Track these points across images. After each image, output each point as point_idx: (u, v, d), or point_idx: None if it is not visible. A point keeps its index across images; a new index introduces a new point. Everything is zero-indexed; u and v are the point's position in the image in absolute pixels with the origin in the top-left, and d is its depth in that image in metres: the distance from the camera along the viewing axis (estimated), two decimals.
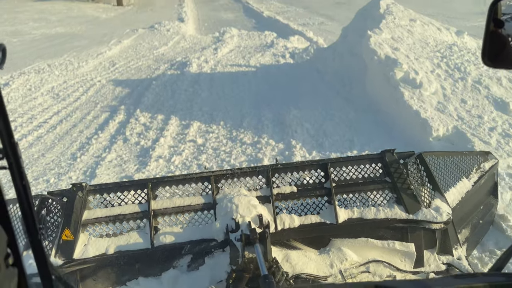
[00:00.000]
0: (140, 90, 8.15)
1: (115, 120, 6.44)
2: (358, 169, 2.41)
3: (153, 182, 2.35)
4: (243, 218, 2.10)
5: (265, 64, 9.83)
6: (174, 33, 15.65)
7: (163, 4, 24.92)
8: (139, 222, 2.29)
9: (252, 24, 18.85)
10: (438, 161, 2.49)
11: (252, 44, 13.04)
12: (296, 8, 21.54)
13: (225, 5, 24.19)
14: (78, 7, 24.03)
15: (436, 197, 2.35)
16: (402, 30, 5.96)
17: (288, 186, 2.38)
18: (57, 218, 2.21)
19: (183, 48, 13.11)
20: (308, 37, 13.52)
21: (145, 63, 10.92)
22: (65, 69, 10.19)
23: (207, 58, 10.65)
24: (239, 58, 10.68)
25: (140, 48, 13.09)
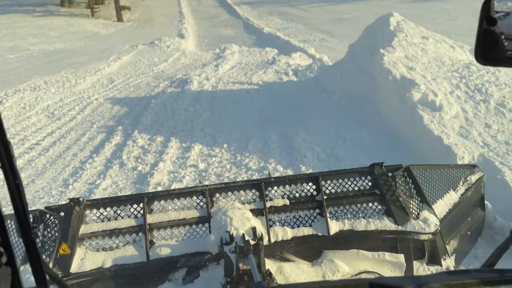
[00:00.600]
0: (138, 109, 7.74)
1: (112, 142, 6.02)
2: (348, 182, 2.44)
3: (149, 196, 2.37)
4: (237, 230, 2.12)
5: (268, 82, 9.46)
6: (174, 49, 15.35)
7: (164, 20, 24.72)
8: (135, 236, 2.30)
9: (252, 41, 18.61)
10: (426, 174, 2.54)
11: (253, 60, 12.72)
12: (297, 25, 21.33)
13: (225, 22, 24.00)
14: (78, 22, 23.80)
15: (424, 208, 2.39)
16: (415, 49, 5.60)
17: (281, 199, 2.41)
18: (55, 232, 2.22)
19: (183, 65, 12.77)
20: (310, 54, 13.21)
21: (145, 80, 10.55)
22: (62, 86, 9.80)
23: (208, 75, 10.29)
24: (241, 75, 10.32)
25: (139, 64, 12.75)
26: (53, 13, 26.80)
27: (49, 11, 27.05)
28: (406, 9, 22.11)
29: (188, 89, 8.93)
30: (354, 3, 25.40)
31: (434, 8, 21.15)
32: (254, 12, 25.69)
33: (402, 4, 22.91)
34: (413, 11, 21.58)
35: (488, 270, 1.09)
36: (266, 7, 26.46)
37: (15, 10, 26.29)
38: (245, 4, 27.85)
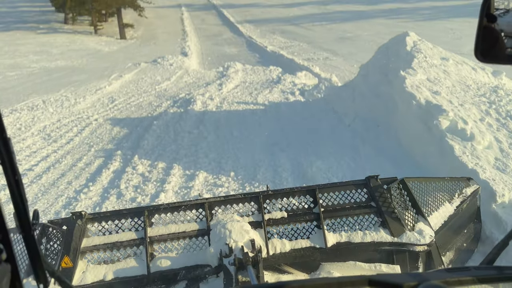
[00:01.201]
0: (139, 131, 7.28)
1: (110, 169, 5.53)
2: (345, 194, 2.46)
3: (150, 210, 2.38)
4: (236, 243, 2.14)
5: (274, 102, 9.03)
6: (177, 68, 15.00)
7: (167, 38, 24.50)
8: (136, 249, 2.30)
9: (256, 59, 18.30)
10: (421, 187, 2.54)
11: (257, 79, 12.34)
12: (300, 43, 21.04)
13: (228, 40, 23.76)
14: (81, 40, 23.58)
15: (420, 220, 2.39)
16: (437, 71, 5.17)
17: (279, 212, 2.42)
18: (57, 246, 2.21)
19: (186, 83, 12.38)
20: (315, 72, 12.83)
21: (147, 99, 10.13)
22: (61, 106, 9.37)
23: (212, 94, 9.87)
24: (246, 95, 9.90)
25: (141, 83, 12.35)
26: (57, 30, 26.65)
27: (52, 28, 26.91)
28: (411, 28, 21.78)
29: (192, 109, 8.49)
30: (356, 22, 25.20)
31: (437, 27, 20.90)
32: (257, 30, 25.49)
33: (405, 23, 22.70)
34: (417, 30, 21.27)
35: (487, 267, 1.09)
36: (269, 26, 26.28)
37: (19, 27, 26.14)
38: (248, 23, 27.70)
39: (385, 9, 28.14)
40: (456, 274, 0.89)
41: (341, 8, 30.03)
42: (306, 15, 28.74)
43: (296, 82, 11.18)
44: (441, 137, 4.07)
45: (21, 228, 0.74)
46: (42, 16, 30.45)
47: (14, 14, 30.92)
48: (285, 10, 30.92)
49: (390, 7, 28.65)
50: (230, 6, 34.37)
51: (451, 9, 25.72)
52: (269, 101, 9.13)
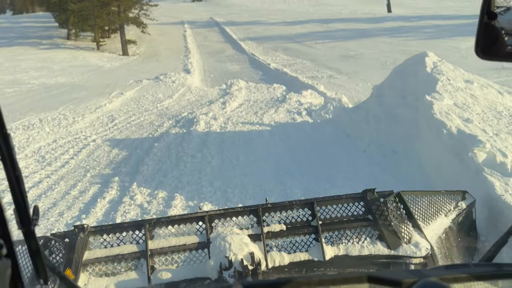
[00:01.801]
0: (139, 154, 6.79)
1: (105, 198, 5.02)
2: (342, 207, 2.48)
3: (150, 223, 2.39)
4: (236, 256, 2.15)
5: (281, 123, 8.57)
6: (179, 85, 14.59)
7: (169, 55, 24.21)
8: (137, 261, 2.31)
9: (259, 76, 17.94)
10: (417, 200, 2.56)
11: (261, 97, 11.91)
12: (303, 61, 20.69)
13: (230, 57, 23.46)
14: (83, 56, 23.28)
15: (416, 233, 2.41)
16: (464, 95, 4.72)
17: (278, 225, 2.43)
18: (59, 258, 2.21)
19: (189, 101, 11.95)
20: (321, 91, 12.41)
21: (148, 118, 9.67)
22: (58, 125, 8.90)
23: (215, 114, 9.41)
24: (251, 115, 9.44)
25: (143, 100, 11.92)
26: (59, 46, 26.40)
27: (55, 44, 26.66)
28: (415, 46, 21.58)
29: (195, 130, 8.02)
30: (359, 40, 24.93)
31: (442, 46, 20.55)
32: (259, 47, 25.22)
33: (408, 42, 22.42)
34: (421, 48, 20.95)
35: (486, 264, 1.09)
36: (271, 43, 26.02)
37: (21, 42, 25.89)
38: (250, 40, 27.47)
39: (387, 27, 27.95)
40: (455, 271, 0.86)
41: (343, 26, 29.85)
42: (308, 33, 28.53)
43: (302, 101, 10.74)
44: (477, 171, 3.58)
45: (21, 223, 0.74)
46: (45, 31, 30.29)
47: (17, 30, 30.76)
48: (288, 28, 30.75)
49: (392, 25, 28.46)
50: (233, 23, 34.26)
51: (453, 28, 25.48)
52: (276, 122, 8.67)
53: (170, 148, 6.95)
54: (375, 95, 6.53)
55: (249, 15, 38.24)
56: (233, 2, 49.97)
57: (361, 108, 6.89)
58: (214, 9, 45.44)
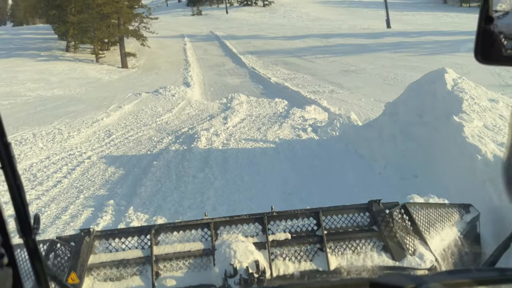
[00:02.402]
0: (137, 173, 6.32)
1: (99, 225, 4.52)
2: (347, 217, 2.46)
3: (156, 229, 2.39)
4: (241, 263, 2.14)
5: (286, 140, 8.13)
6: (179, 98, 14.19)
7: (169, 68, 23.87)
8: (141, 267, 2.29)
9: (259, 90, 17.59)
10: (422, 211, 2.55)
11: (264, 112, 11.51)
12: (303, 75, 20.37)
13: (230, 70, 23.15)
14: (81, 68, 22.90)
15: (420, 245, 2.39)
16: (492, 115, 4.30)
17: (283, 233, 2.41)
18: (64, 262, 2.20)
19: (189, 116, 11.53)
20: (324, 106, 12.02)
21: (146, 133, 9.22)
22: (52, 140, 8.44)
23: (217, 130, 8.97)
24: (254, 131, 9.01)
25: (142, 114, 11.49)
26: (57, 58, 26.03)
27: (53, 55, 26.30)
28: (415, 62, 21.36)
29: (196, 147, 7.57)
30: (359, 55, 24.69)
31: (443, 62, 20.25)
32: (259, 61, 24.96)
33: (409, 57, 22.18)
34: (423, 64, 20.78)
35: (489, 269, 1.08)
36: (271, 57, 25.76)
37: (19, 54, 25.52)
38: (250, 54, 27.22)
39: (387, 43, 27.77)
40: (458, 276, 0.86)
41: (343, 41, 29.68)
42: (308, 48, 28.34)
43: (306, 117, 10.33)
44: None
45: (22, 232, 0.74)
46: (44, 43, 29.98)
47: (16, 41, 30.44)
48: (287, 42, 30.57)
49: (392, 40, 28.30)
50: (233, 37, 34.09)
51: (453, 44, 25.30)
52: (280, 139, 8.24)
53: (169, 167, 6.49)
54: (388, 113, 6.12)
55: (249, 29, 38.13)
56: (233, 16, 50.01)
57: (372, 126, 6.47)
58: (214, 23, 45.38)
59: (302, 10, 48.63)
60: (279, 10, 50.81)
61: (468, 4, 46.50)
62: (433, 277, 0.87)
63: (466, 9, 43.85)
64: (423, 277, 0.85)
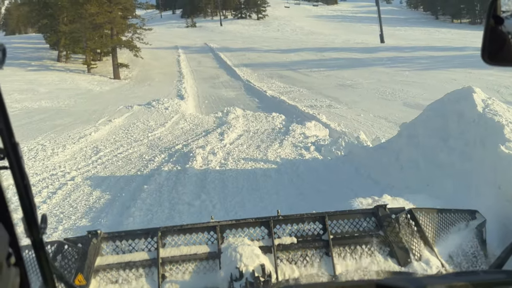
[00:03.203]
0: (125, 199, 5.57)
1: None
2: (353, 222, 2.43)
3: (163, 231, 2.37)
4: (247, 267, 2.13)
5: (288, 159, 7.45)
6: (172, 111, 13.48)
7: (162, 79, 23.18)
8: (148, 269, 2.27)
9: (255, 104, 16.95)
10: (428, 217, 2.52)
11: (261, 128, 10.85)
12: (299, 89, 19.81)
13: (225, 83, 22.53)
14: (72, 78, 22.09)
15: (426, 250, 2.36)
16: None
17: (289, 237, 2.39)
18: (72, 263, 2.18)
19: (183, 131, 10.81)
20: (324, 122, 11.39)
21: (137, 150, 8.48)
22: (34, 158, 7.65)
23: (213, 147, 8.27)
24: (253, 149, 8.31)
25: (133, 129, 10.73)
26: (48, 67, 25.20)
27: (44, 65, 25.47)
28: (412, 77, 20.98)
29: (191, 167, 6.84)
30: (354, 69, 24.27)
31: (439, 77, 19.89)
32: (254, 74, 24.40)
33: (405, 72, 21.78)
34: (419, 79, 20.41)
35: (496, 271, 1.07)
36: (266, 70, 25.24)
37: (9, 63, 24.60)
38: (245, 66, 26.68)
39: (382, 57, 27.43)
40: (464, 278, 0.83)
41: (337, 55, 29.32)
42: (303, 61, 27.91)
43: (307, 134, 9.68)
44: None
45: (30, 232, 0.74)
46: (35, 53, 29.15)
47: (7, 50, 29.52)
48: (282, 55, 30.13)
49: (387, 55, 27.99)
50: (227, 49, 33.60)
51: (448, 59, 25.04)
52: (282, 158, 7.55)
53: (161, 191, 5.75)
54: (405, 135, 5.47)
55: (243, 42, 37.73)
56: (227, 29, 49.71)
57: (387, 148, 5.82)
58: (208, 35, 44.95)
59: (296, 24, 48.50)
60: (273, 23, 50.64)
61: (459, 20, 46.79)
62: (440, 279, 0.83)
63: (457, 25, 44.09)
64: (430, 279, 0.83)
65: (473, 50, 27.53)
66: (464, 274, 0.95)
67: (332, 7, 65.84)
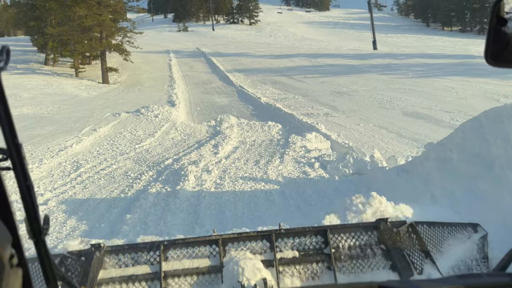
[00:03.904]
0: (103, 233, 4.62)
1: None
2: (355, 236, 2.39)
3: (165, 244, 2.37)
4: (249, 281, 2.11)
5: (292, 179, 6.57)
6: (163, 120, 12.54)
7: (153, 84, 22.18)
8: (150, 283, 2.25)
9: (249, 111, 16.08)
10: (429, 231, 2.46)
11: (258, 139, 9.98)
12: (295, 96, 18.97)
13: (217, 88, 21.62)
14: (59, 82, 20.96)
15: (428, 264, 2.32)
16: None
17: (291, 251, 2.37)
18: (75, 276, 2.15)
19: (173, 142, 9.87)
20: (324, 133, 10.56)
21: (122, 166, 7.53)
22: (4, 175, 6.64)
23: (207, 163, 7.36)
24: (251, 165, 7.42)
25: (119, 140, 9.77)
26: (34, 71, 24.01)
27: (30, 69, 24.26)
28: (409, 85, 20.29)
29: (182, 189, 5.92)
30: (349, 76, 23.57)
31: (436, 86, 19.25)
32: (247, 80, 23.54)
33: (400, 79, 21.13)
34: (416, 87, 19.72)
35: (499, 273, 1.04)
36: (260, 76, 24.41)
37: None
38: (237, 72, 25.81)
39: (376, 64, 26.81)
40: (467, 281, 0.82)
41: (331, 61, 28.63)
42: (296, 67, 27.15)
43: (308, 147, 8.82)
44: None
45: (32, 233, 0.73)
46: (22, 55, 27.89)
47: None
48: (275, 61, 29.34)
49: (381, 62, 27.39)
50: (219, 54, 32.72)
51: (443, 67, 24.50)
52: (284, 177, 6.67)
53: (147, 223, 4.80)
54: (434, 158, 4.63)
55: (235, 47, 36.89)
56: (219, 34, 48.85)
57: (410, 172, 4.97)
58: (200, 39, 44.02)
59: (288, 29, 47.83)
60: (265, 29, 49.91)
61: (450, 28, 46.61)
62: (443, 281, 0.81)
63: (448, 33, 43.85)
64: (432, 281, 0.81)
65: (467, 58, 27.12)
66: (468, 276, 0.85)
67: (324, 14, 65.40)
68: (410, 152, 8.80)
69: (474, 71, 21.37)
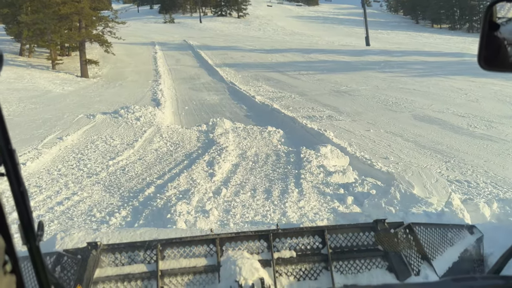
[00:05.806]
0: None
1: None
2: (352, 236, 2.36)
3: (163, 243, 2.29)
4: (246, 280, 2.06)
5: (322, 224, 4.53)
6: (145, 124, 10.33)
7: (136, 79, 19.77)
8: (147, 282, 2.18)
9: (243, 112, 13.96)
10: (426, 232, 2.42)
11: (260, 151, 7.97)
12: (291, 94, 16.87)
13: (207, 84, 19.38)
14: (31, 75, 18.35)
15: (425, 265, 2.30)
16: None
17: (288, 251, 2.32)
18: (71, 275, 2.10)
19: (157, 155, 7.73)
20: (336, 143, 8.58)
21: (87, 197, 5.37)
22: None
23: (201, 196, 5.27)
24: (261, 200, 5.34)
25: (89, 152, 7.56)
26: (7, 62, 21.21)
27: None
28: (412, 84, 18.42)
29: None
30: (346, 73, 21.59)
31: (442, 86, 17.45)
32: (238, 75, 21.34)
33: (401, 78, 19.28)
34: (419, 87, 17.86)
35: (493, 276, 1.03)
36: (251, 71, 22.24)
37: None
38: (227, 67, 23.58)
39: (371, 61, 24.93)
40: (462, 284, 0.82)
41: (325, 57, 26.64)
42: (289, 63, 25.06)
43: (327, 167, 6.82)
44: None
45: (26, 239, 0.70)
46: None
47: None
48: (267, 56, 27.17)
49: (376, 59, 25.53)
50: (208, 48, 30.33)
51: (443, 65, 22.77)
52: (310, 220, 4.64)
53: None
54: None
55: (224, 40, 34.52)
56: (207, 26, 46.24)
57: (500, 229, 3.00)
58: (187, 31, 41.38)
59: (277, 23, 45.57)
60: (254, 22, 47.52)
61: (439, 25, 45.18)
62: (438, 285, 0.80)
63: (437, 30, 42.40)
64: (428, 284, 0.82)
65: (465, 57, 25.53)
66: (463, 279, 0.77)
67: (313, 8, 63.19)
68: (439, 168, 6.98)
69: (475, 70, 19.62)
